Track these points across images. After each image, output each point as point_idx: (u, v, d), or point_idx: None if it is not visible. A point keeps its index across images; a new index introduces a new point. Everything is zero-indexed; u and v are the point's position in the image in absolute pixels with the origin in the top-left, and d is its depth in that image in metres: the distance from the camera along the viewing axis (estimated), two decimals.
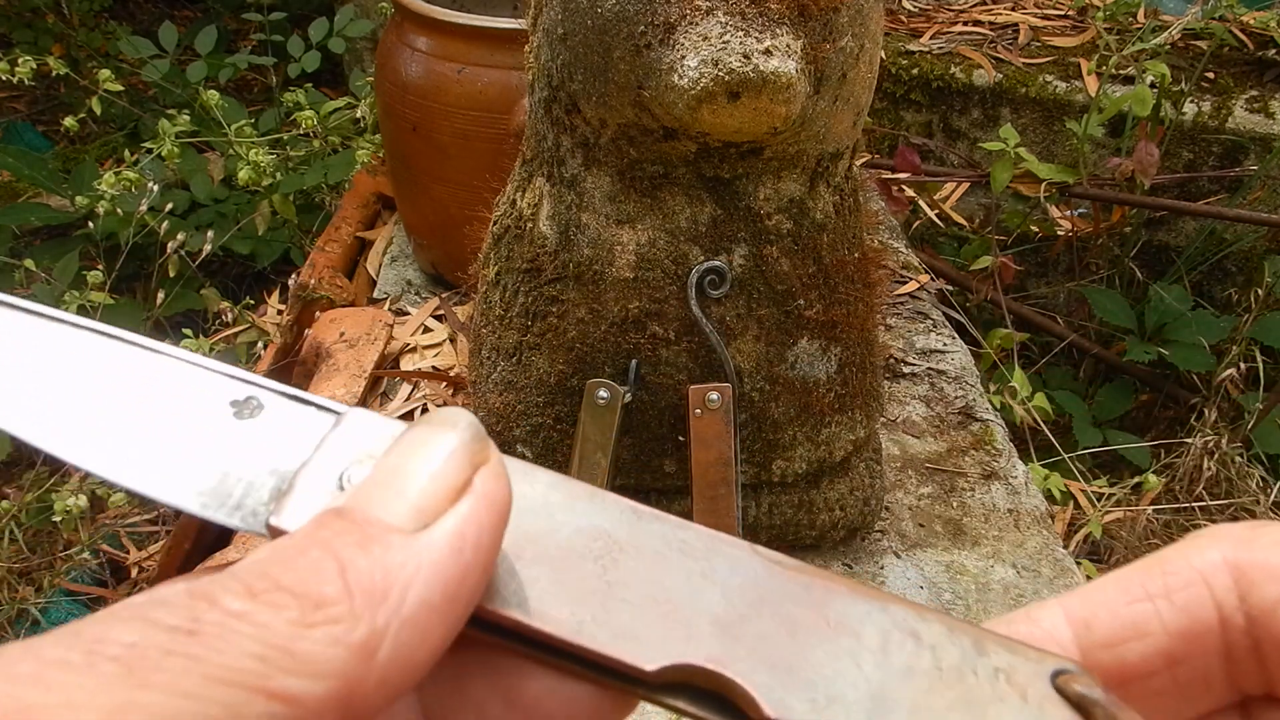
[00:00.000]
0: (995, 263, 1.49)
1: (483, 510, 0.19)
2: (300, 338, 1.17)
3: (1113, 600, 0.21)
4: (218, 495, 0.22)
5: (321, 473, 0.21)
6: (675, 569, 0.21)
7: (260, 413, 0.23)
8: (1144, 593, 0.21)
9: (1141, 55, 1.62)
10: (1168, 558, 0.21)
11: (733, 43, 0.54)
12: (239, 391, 0.23)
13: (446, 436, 0.20)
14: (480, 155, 1.03)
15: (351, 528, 0.19)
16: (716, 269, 0.67)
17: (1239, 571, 0.20)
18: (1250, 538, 0.21)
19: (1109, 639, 0.21)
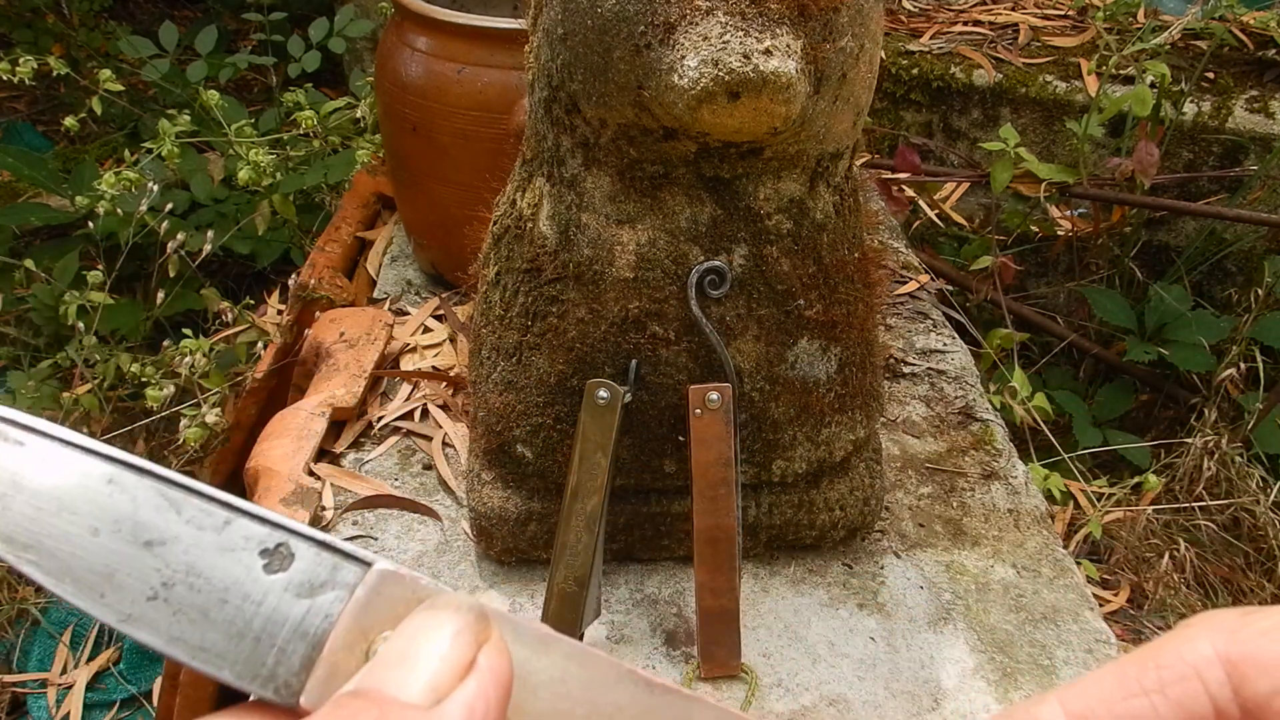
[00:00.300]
0: (995, 263, 1.49)
1: (489, 685, 0.21)
2: (300, 338, 1.17)
3: (1109, 695, 0.21)
4: (251, 665, 0.22)
5: (348, 641, 0.22)
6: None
7: (290, 564, 0.23)
8: (1139, 688, 0.21)
9: (1141, 55, 1.62)
10: (1160, 650, 0.21)
11: (733, 43, 0.54)
12: (270, 539, 0.23)
13: (452, 618, 0.22)
14: (480, 155, 1.03)
15: (369, 706, 0.20)
16: (716, 269, 0.67)
17: (1231, 664, 0.20)
18: (1239, 627, 0.21)
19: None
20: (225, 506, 0.23)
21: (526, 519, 0.79)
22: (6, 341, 1.59)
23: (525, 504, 0.79)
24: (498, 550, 0.81)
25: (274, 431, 0.97)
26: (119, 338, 1.50)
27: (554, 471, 0.76)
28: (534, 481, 0.78)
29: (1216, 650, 0.21)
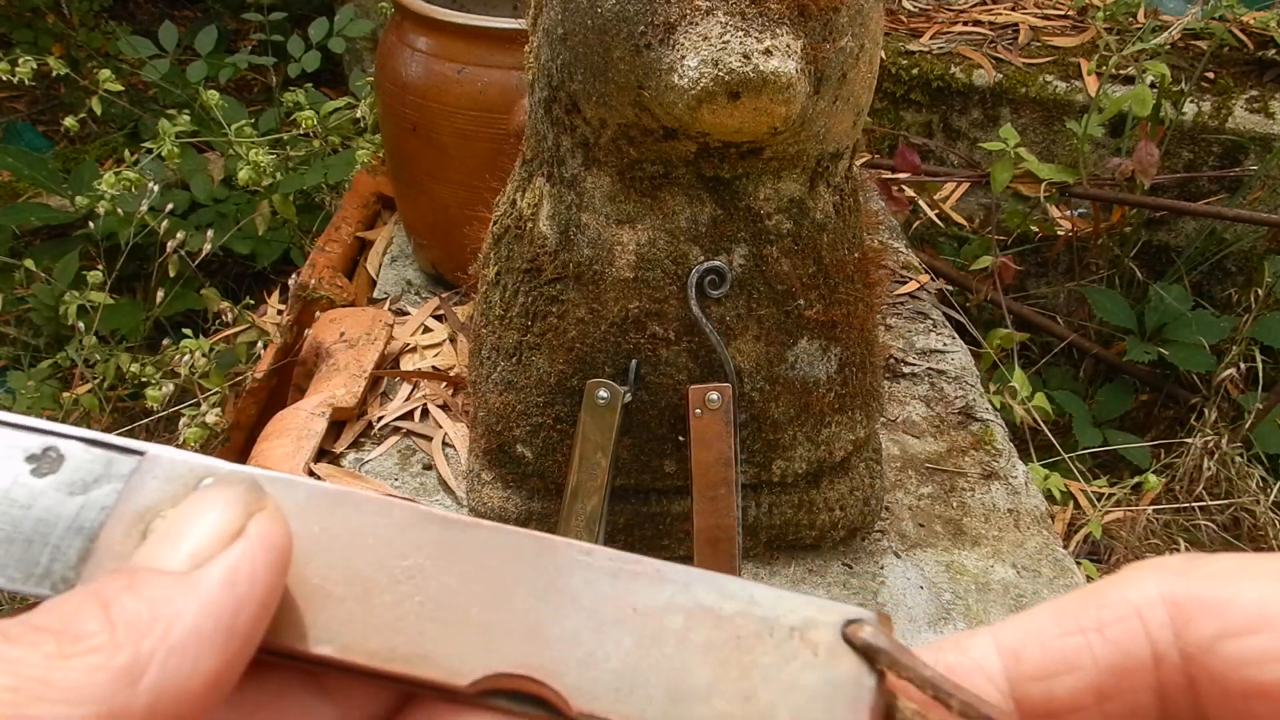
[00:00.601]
0: (995, 263, 1.49)
1: (257, 549, 0.20)
2: (300, 338, 1.17)
3: (1044, 631, 0.21)
4: (24, 566, 0.21)
5: (124, 527, 0.21)
6: (485, 579, 0.22)
7: (61, 465, 0.22)
8: (1076, 625, 0.20)
9: (1141, 55, 1.62)
10: (1102, 590, 0.21)
11: (733, 43, 0.54)
12: (34, 444, 0.22)
13: (221, 493, 0.21)
14: (480, 155, 1.03)
15: (120, 576, 0.19)
16: (716, 269, 0.67)
17: (1175, 606, 0.20)
18: (1187, 570, 0.20)
19: (1038, 672, 0.20)
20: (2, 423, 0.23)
21: (526, 519, 0.79)
22: (6, 341, 1.59)
23: (525, 504, 0.79)
24: None
25: (274, 431, 0.97)
26: (119, 338, 1.50)
27: (554, 471, 0.76)
28: (534, 481, 0.78)
29: (1162, 592, 0.20)
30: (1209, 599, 0.20)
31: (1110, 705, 0.20)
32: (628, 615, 0.21)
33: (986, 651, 0.21)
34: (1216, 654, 0.19)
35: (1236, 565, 0.20)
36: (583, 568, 0.22)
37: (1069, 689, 0.20)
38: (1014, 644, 0.21)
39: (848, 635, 0.21)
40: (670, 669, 0.21)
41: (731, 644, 0.21)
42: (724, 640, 0.21)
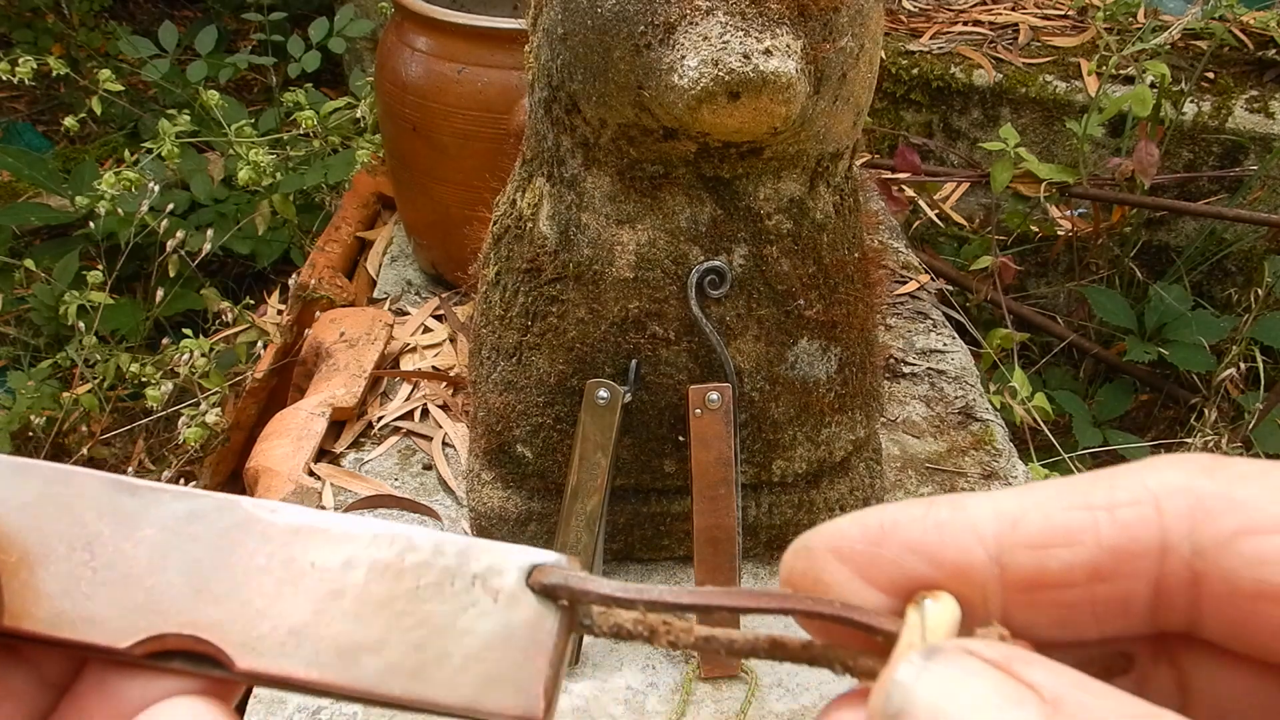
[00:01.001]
0: (995, 263, 1.49)
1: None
2: (300, 338, 1.17)
3: (1049, 503, 0.20)
4: None
5: None
6: (163, 542, 0.22)
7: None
8: (1085, 502, 0.19)
9: (1141, 55, 1.62)
10: (1119, 473, 0.20)
11: (733, 43, 0.54)
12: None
13: None
14: (480, 155, 1.03)
15: None
16: (716, 269, 0.67)
17: (1196, 498, 0.19)
18: (1213, 468, 0.19)
19: (1035, 540, 0.19)
20: None
21: (526, 519, 0.79)
22: (6, 341, 1.59)
23: (525, 504, 0.79)
24: None
25: (274, 431, 0.97)
26: (119, 338, 1.50)
27: (554, 471, 0.76)
28: (534, 481, 0.78)
29: (1185, 482, 0.19)
30: (1234, 496, 0.19)
31: (1101, 589, 0.19)
32: (306, 571, 0.21)
33: (983, 512, 0.20)
34: (1233, 551, 0.18)
35: (1265, 467, 0.19)
36: (263, 526, 0.22)
37: (1063, 563, 0.19)
38: (1014, 510, 0.20)
39: (531, 582, 0.21)
40: (345, 623, 0.21)
41: (410, 594, 0.21)
42: (403, 591, 0.21)
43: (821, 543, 0.20)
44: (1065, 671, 0.18)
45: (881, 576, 0.20)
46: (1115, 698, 0.17)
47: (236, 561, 0.22)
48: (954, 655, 0.18)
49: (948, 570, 0.19)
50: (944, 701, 0.17)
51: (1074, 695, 0.17)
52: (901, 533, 0.20)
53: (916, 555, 0.20)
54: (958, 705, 0.17)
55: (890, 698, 0.18)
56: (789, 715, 0.72)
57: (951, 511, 0.20)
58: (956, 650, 0.18)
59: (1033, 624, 0.20)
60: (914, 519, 0.20)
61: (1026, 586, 0.19)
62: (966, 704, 0.17)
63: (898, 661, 0.18)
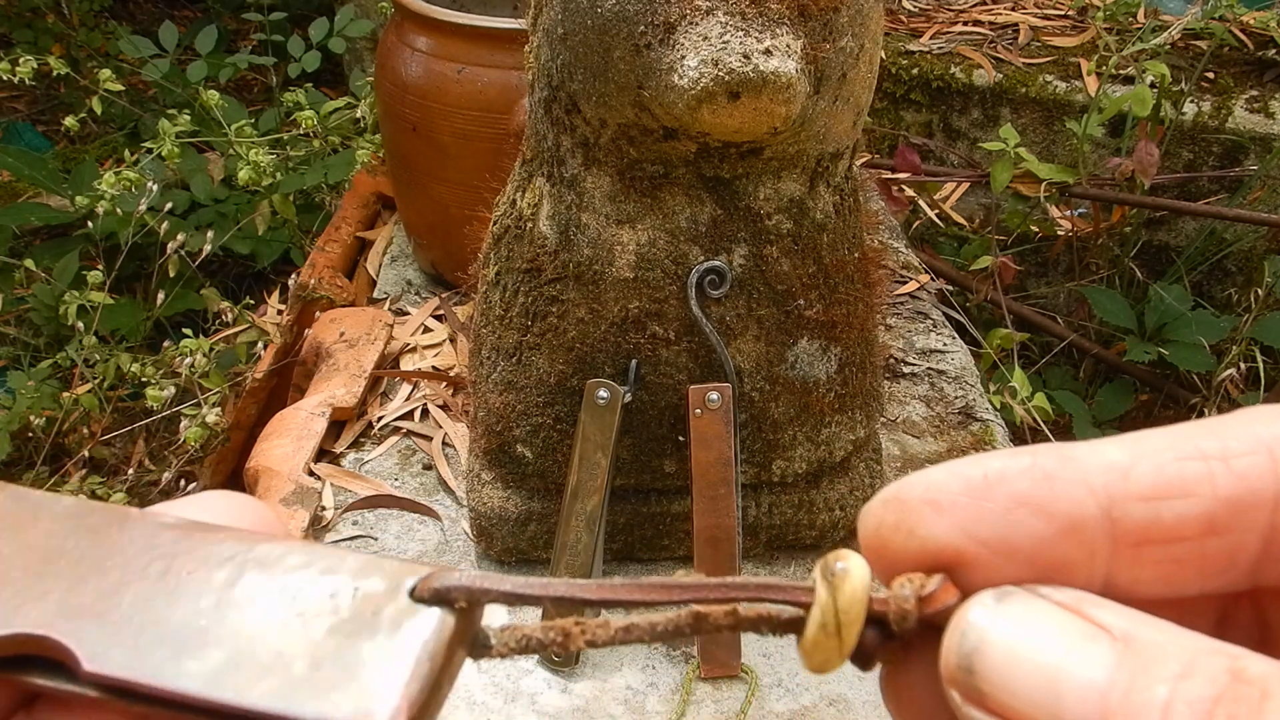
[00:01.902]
0: (995, 263, 1.49)
1: None
2: (300, 338, 1.17)
3: (1161, 454, 0.19)
4: None
5: None
6: (42, 546, 0.21)
7: None
8: (1198, 452, 0.19)
9: (1141, 55, 1.62)
10: (1225, 423, 0.19)
11: (733, 43, 0.54)
12: None
13: None
14: (480, 155, 1.03)
15: None
16: (716, 269, 0.67)
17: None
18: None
19: (1149, 492, 0.18)
20: None
21: (526, 519, 0.79)
22: (6, 341, 1.59)
23: (525, 504, 0.79)
24: (498, 550, 0.81)
25: (274, 431, 0.97)
26: (119, 338, 1.50)
27: (554, 471, 0.76)
28: (534, 481, 0.78)
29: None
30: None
31: (1215, 541, 0.18)
32: (182, 579, 0.20)
33: (1092, 463, 0.19)
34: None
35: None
36: (148, 533, 0.21)
37: (1178, 514, 0.18)
38: (1124, 461, 0.19)
39: (419, 588, 0.20)
40: (211, 632, 0.20)
41: (287, 605, 0.20)
42: (281, 605, 0.20)
43: (916, 494, 0.19)
44: (1134, 613, 0.18)
45: (986, 531, 0.19)
46: (1187, 635, 0.17)
47: (113, 568, 0.21)
48: (1024, 597, 0.18)
49: (1059, 524, 0.18)
50: (1018, 639, 0.18)
51: (1145, 633, 0.17)
52: (1008, 484, 0.19)
53: (1025, 508, 0.18)
54: (1031, 642, 0.17)
55: (966, 636, 0.18)
56: (789, 715, 0.72)
57: (1060, 461, 0.19)
58: (1025, 593, 0.18)
59: (1136, 581, 0.19)
60: (1020, 470, 0.19)
61: (1137, 540, 0.19)
62: (1040, 641, 0.17)
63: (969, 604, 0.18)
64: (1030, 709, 0.17)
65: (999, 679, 0.17)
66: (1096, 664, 0.17)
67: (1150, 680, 0.16)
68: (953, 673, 0.18)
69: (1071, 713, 0.17)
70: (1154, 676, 0.16)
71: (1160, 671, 0.16)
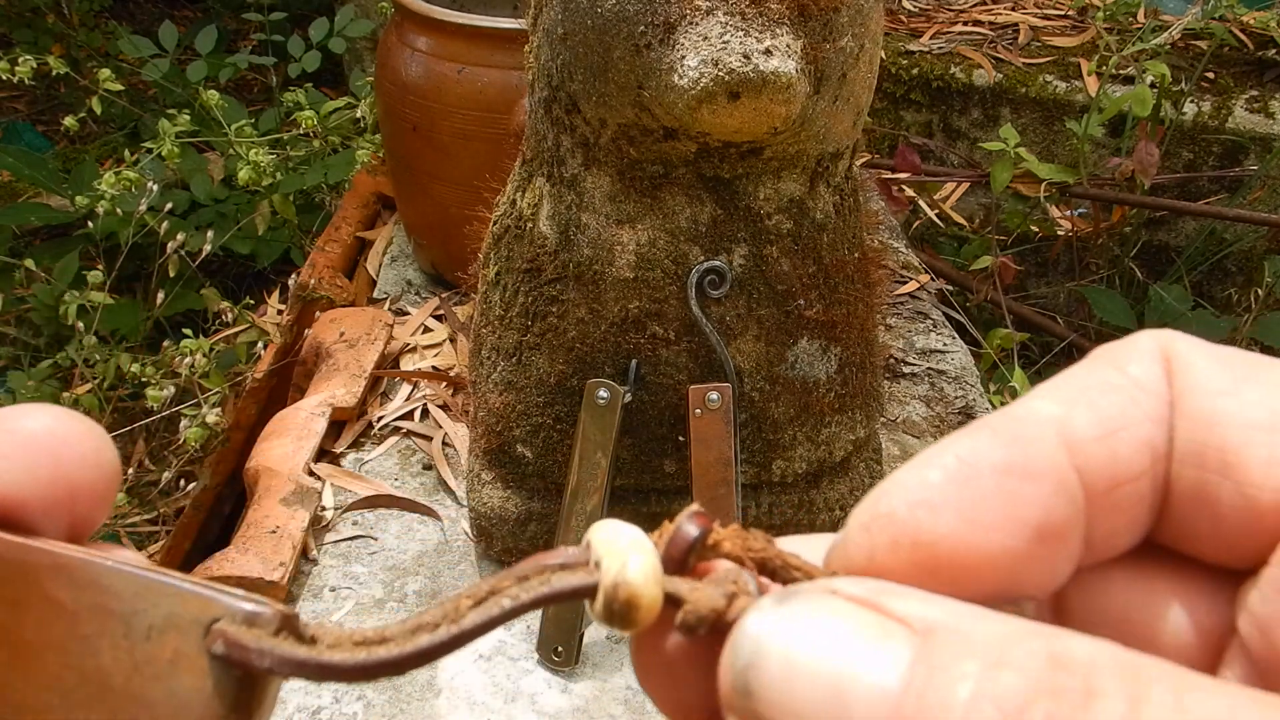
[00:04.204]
0: (995, 263, 1.49)
1: None
2: (300, 338, 1.17)
3: (1085, 392, 0.18)
4: None
5: None
6: None
7: None
8: (1108, 383, 0.18)
9: (1141, 55, 1.62)
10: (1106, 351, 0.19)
11: (733, 43, 0.54)
12: None
13: None
14: (480, 155, 1.03)
15: None
16: (716, 269, 0.67)
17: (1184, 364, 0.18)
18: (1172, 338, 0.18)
19: (1098, 431, 0.18)
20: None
21: (526, 519, 0.79)
22: (6, 341, 1.59)
23: (525, 504, 0.79)
24: (498, 550, 0.81)
25: (274, 431, 0.97)
26: (119, 338, 1.50)
27: (554, 471, 0.76)
28: (534, 481, 0.78)
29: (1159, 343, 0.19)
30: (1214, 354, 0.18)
31: (1160, 469, 0.18)
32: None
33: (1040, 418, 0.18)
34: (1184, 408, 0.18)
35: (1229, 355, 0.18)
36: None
37: (1129, 446, 0.17)
38: (1060, 411, 0.18)
39: (209, 640, 0.17)
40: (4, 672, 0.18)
41: (81, 642, 0.18)
42: (74, 639, 0.18)
43: (901, 503, 0.17)
44: (941, 601, 0.16)
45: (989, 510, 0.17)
46: (994, 620, 0.15)
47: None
48: (812, 596, 0.16)
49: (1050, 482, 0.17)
50: (799, 647, 0.16)
51: (948, 622, 0.15)
52: (985, 458, 0.17)
53: (1014, 476, 0.17)
54: (815, 650, 0.15)
55: (739, 651, 0.16)
56: None
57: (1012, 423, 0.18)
58: (816, 591, 0.16)
59: (1113, 532, 0.18)
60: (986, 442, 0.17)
61: (1106, 485, 0.17)
62: (824, 647, 0.15)
63: (748, 611, 0.16)
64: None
65: (778, 698, 0.15)
66: (889, 666, 0.15)
67: (950, 678, 0.14)
68: (729, 696, 0.16)
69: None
70: (955, 673, 0.14)
71: (963, 666, 0.14)
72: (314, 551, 0.85)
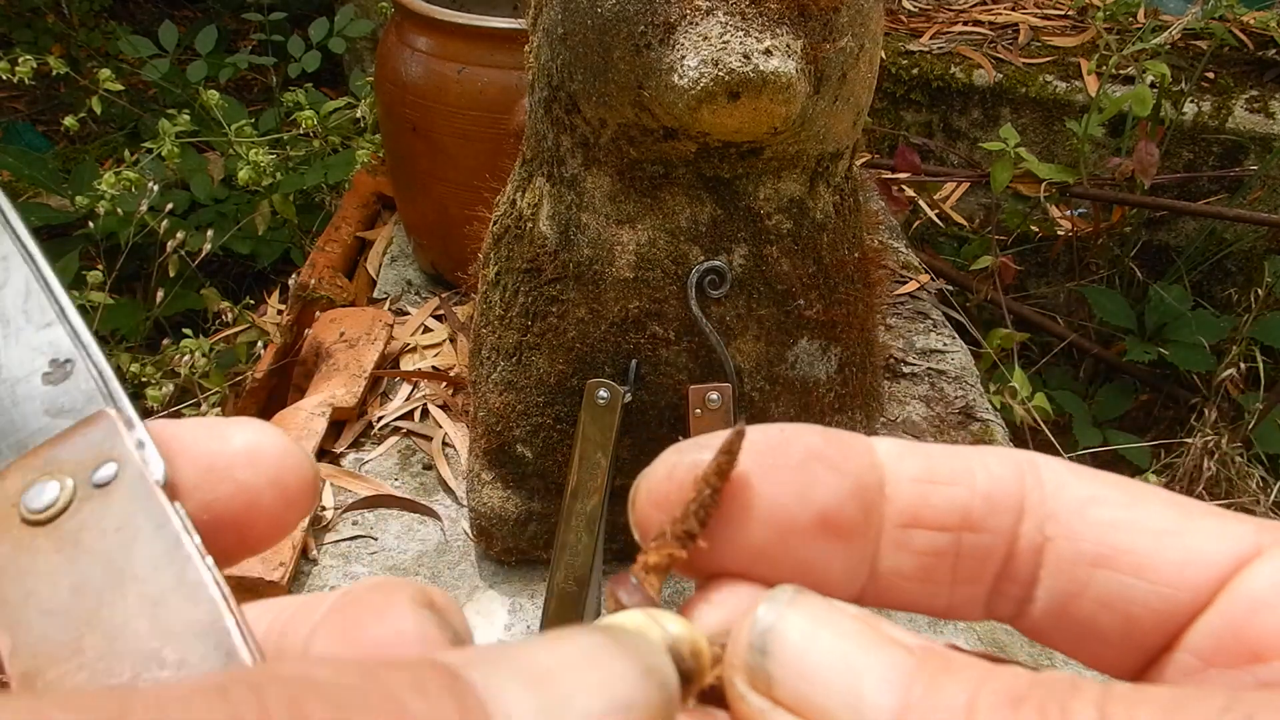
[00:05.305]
0: (995, 263, 1.49)
1: None
2: (300, 338, 1.17)
3: (931, 449, 0.20)
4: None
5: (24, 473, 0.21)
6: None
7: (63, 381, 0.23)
8: (963, 456, 0.20)
9: (1141, 55, 1.62)
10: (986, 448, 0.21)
11: (733, 43, 0.54)
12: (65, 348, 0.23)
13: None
14: (480, 155, 1.03)
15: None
16: (716, 269, 0.67)
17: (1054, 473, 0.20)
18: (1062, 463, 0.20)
19: (919, 474, 0.20)
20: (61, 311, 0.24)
21: (526, 519, 0.79)
22: None
23: (525, 504, 0.79)
24: (498, 550, 0.81)
25: None
26: (119, 337, 1.50)
27: (554, 471, 0.76)
28: (534, 481, 0.78)
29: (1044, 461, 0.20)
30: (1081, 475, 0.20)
31: (967, 540, 0.19)
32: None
33: (871, 444, 0.20)
34: (1083, 515, 0.19)
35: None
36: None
37: (944, 500, 0.19)
38: (897, 450, 0.20)
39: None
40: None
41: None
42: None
43: (718, 442, 0.20)
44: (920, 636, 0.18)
45: (785, 477, 0.19)
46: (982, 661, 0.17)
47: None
48: (817, 601, 0.18)
49: (850, 483, 0.19)
50: (816, 627, 0.17)
51: (939, 649, 0.17)
52: (804, 440, 0.19)
53: (822, 463, 0.19)
54: (824, 643, 0.17)
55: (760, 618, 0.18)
56: None
57: (847, 435, 0.20)
58: (819, 597, 0.18)
59: (898, 571, 0.20)
60: (814, 431, 0.20)
61: (905, 520, 0.19)
62: (839, 635, 0.17)
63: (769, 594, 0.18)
64: (826, 697, 0.17)
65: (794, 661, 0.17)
66: (896, 662, 0.17)
67: (952, 680, 0.16)
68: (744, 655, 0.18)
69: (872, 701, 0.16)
70: (955, 679, 0.16)
71: (961, 676, 0.16)
72: (314, 551, 0.85)
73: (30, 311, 0.24)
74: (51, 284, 0.24)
